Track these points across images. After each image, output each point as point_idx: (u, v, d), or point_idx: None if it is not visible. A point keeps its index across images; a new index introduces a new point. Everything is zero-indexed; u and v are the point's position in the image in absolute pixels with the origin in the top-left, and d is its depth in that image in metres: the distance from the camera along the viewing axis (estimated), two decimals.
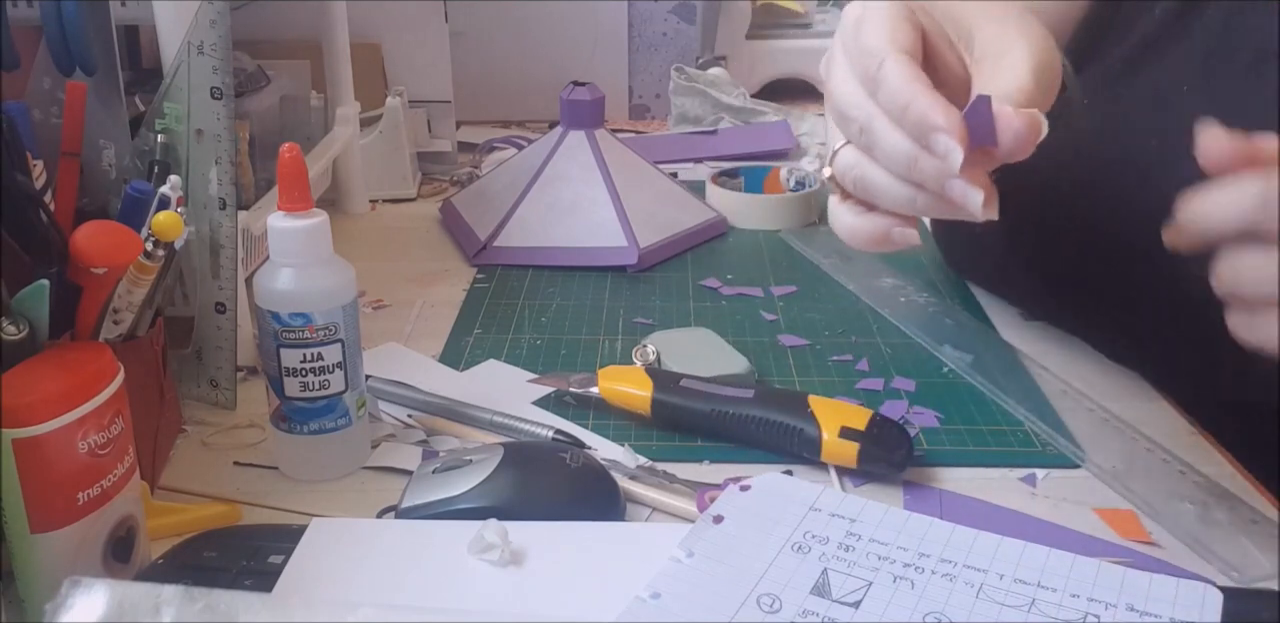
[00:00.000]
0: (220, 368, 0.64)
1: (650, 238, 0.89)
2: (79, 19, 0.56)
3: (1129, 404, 0.66)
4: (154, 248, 0.50)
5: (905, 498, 0.56)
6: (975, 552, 0.49)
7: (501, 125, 1.34)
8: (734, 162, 1.14)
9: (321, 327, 0.54)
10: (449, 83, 1.11)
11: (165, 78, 0.60)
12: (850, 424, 0.57)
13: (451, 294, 0.82)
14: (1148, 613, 0.45)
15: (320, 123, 0.97)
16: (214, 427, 0.63)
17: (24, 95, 0.61)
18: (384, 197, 1.05)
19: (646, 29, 1.36)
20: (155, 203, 0.52)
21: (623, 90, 1.38)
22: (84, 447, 0.42)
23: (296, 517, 0.53)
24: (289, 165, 0.52)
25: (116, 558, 0.46)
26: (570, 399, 0.65)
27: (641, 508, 0.55)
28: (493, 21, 1.31)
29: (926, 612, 0.45)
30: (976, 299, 0.82)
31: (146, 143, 0.61)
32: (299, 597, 0.45)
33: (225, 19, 0.59)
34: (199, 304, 0.63)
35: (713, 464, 0.59)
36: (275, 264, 0.54)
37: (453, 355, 0.72)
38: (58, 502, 0.43)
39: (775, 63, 1.46)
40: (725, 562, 0.48)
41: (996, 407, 0.66)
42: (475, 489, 0.52)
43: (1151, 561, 0.51)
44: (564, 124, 0.93)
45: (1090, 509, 0.56)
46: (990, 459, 0.60)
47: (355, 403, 0.57)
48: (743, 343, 0.72)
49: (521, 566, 0.48)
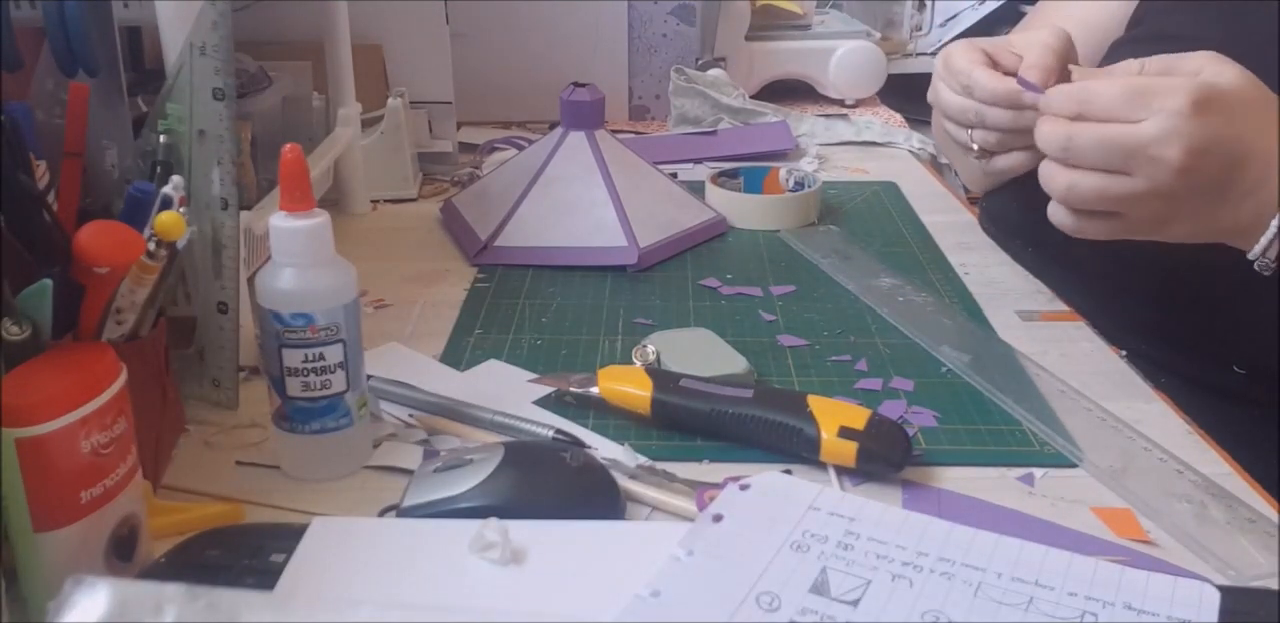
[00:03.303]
0: (222, 367, 0.64)
1: (650, 238, 0.89)
2: (81, 20, 0.56)
3: (1126, 404, 0.66)
4: (156, 248, 0.51)
5: (904, 497, 0.56)
6: (973, 550, 0.49)
7: (502, 126, 1.34)
8: (733, 162, 1.14)
9: (323, 326, 0.54)
10: (450, 84, 1.11)
11: (167, 79, 0.60)
12: (849, 424, 0.57)
13: (452, 294, 0.83)
14: (1145, 612, 0.45)
15: (322, 124, 0.97)
16: (216, 426, 0.63)
17: (27, 96, 0.62)
18: (385, 197, 1.05)
19: (646, 30, 1.36)
20: (158, 203, 0.52)
21: (622, 91, 1.37)
22: (86, 446, 0.43)
23: (298, 516, 0.54)
24: (291, 166, 0.52)
25: (119, 557, 0.46)
26: (570, 399, 0.65)
27: (641, 507, 0.55)
28: (493, 23, 1.31)
29: (925, 610, 0.45)
30: (975, 299, 0.82)
31: (149, 143, 0.61)
32: (301, 595, 0.45)
33: (227, 20, 0.59)
34: (201, 304, 0.63)
35: (712, 463, 0.60)
36: (277, 264, 0.54)
37: (454, 355, 0.72)
38: (60, 501, 0.43)
39: (775, 64, 1.46)
40: (725, 560, 0.48)
41: (994, 406, 0.66)
42: (476, 488, 0.52)
43: (1149, 559, 0.52)
44: (564, 125, 0.94)
45: (1088, 508, 0.56)
46: (988, 458, 0.60)
47: (357, 402, 0.57)
48: (742, 343, 0.72)
49: (522, 564, 0.48)
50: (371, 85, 1.07)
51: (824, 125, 1.33)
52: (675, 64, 1.32)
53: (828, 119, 1.37)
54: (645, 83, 1.39)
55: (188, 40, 0.59)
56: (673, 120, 1.30)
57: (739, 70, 1.42)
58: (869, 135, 1.31)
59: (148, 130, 0.61)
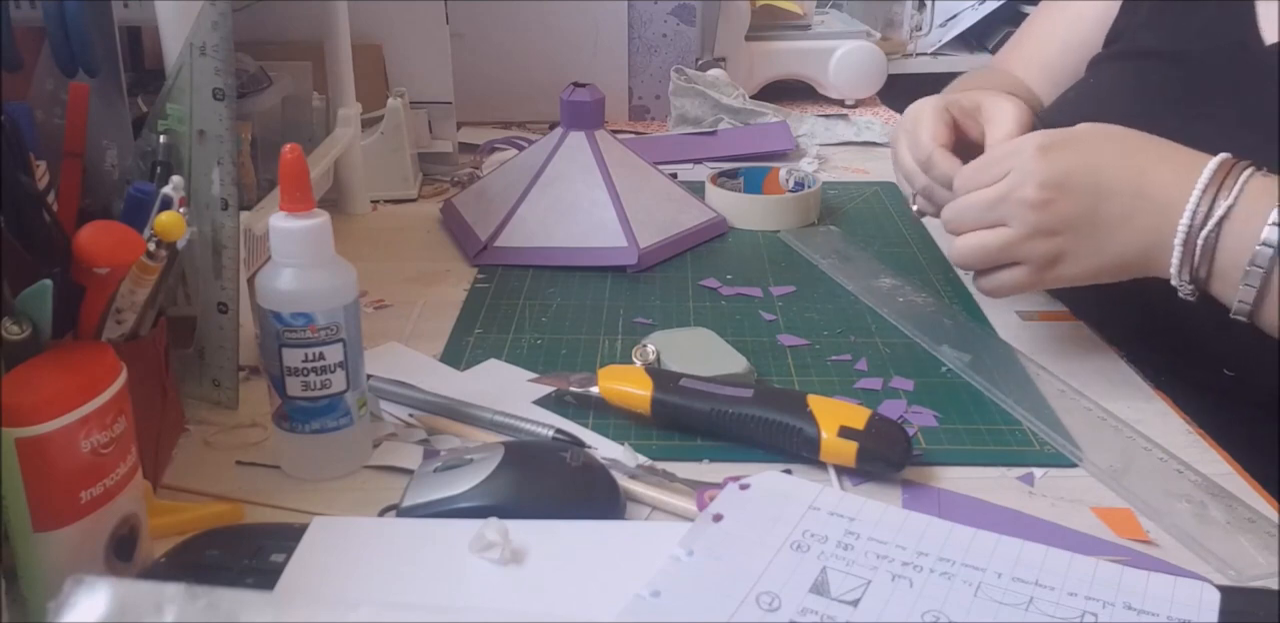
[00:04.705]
0: (222, 367, 0.64)
1: (650, 238, 0.89)
2: (81, 20, 0.56)
3: (1126, 404, 0.66)
4: (156, 248, 0.51)
5: (904, 497, 0.56)
6: (973, 550, 0.49)
7: (502, 126, 1.34)
8: (733, 162, 1.14)
9: (323, 326, 0.54)
10: (450, 84, 1.12)
11: (167, 79, 0.60)
12: (849, 424, 0.57)
13: (452, 294, 0.83)
14: (1145, 611, 0.45)
15: (322, 124, 0.98)
16: (216, 426, 0.63)
17: (27, 96, 0.62)
18: (385, 197, 1.05)
19: (646, 30, 1.36)
20: (158, 203, 0.52)
21: (622, 91, 1.38)
22: (86, 446, 0.43)
23: (298, 515, 0.54)
24: (291, 166, 0.52)
25: (119, 557, 0.46)
26: (570, 399, 0.65)
27: (641, 507, 0.55)
28: (493, 23, 1.31)
29: (925, 610, 0.45)
30: (975, 299, 0.82)
31: (149, 144, 0.61)
32: (301, 595, 0.45)
33: (227, 20, 0.59)
34: (201, 304, 0.63)
35: (712, 463, 0.60)
36: (277, 264, 0.54)
37: (454, 355, 0.72)
38: (60, 501, 0.43)
39: (775, 64, 1.46)
40: (725, 560, 0.48)
41: (994, 406, 0.66)
42: (476, 488, 0.52)
43: (1149, 559, 0.52)
44: (564, 125, 0.94)
45: (1088, 508, 0.56)
46: (988, 458, 0.60)
47: (357, 402, 0.57)
48: (742, 343, 0.73)
49: (522, 564, 0.48)
50: (371, 85, 1.07)
51: (824, 125, 1.33)
52: (675, 64, 1.32)
53: (828, 119, 1.37)
54: (645, 83, 1.39)
55: (188, 40, 0.59)
56: (673, 120, 1.30)
57: (739, 70, 1.42)
58: (869, 135, 1.31)
59: (148, 130, 0.61)
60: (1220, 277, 0.60)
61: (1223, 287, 0.60)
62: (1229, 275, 0.60)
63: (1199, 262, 0.60)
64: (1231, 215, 0.59)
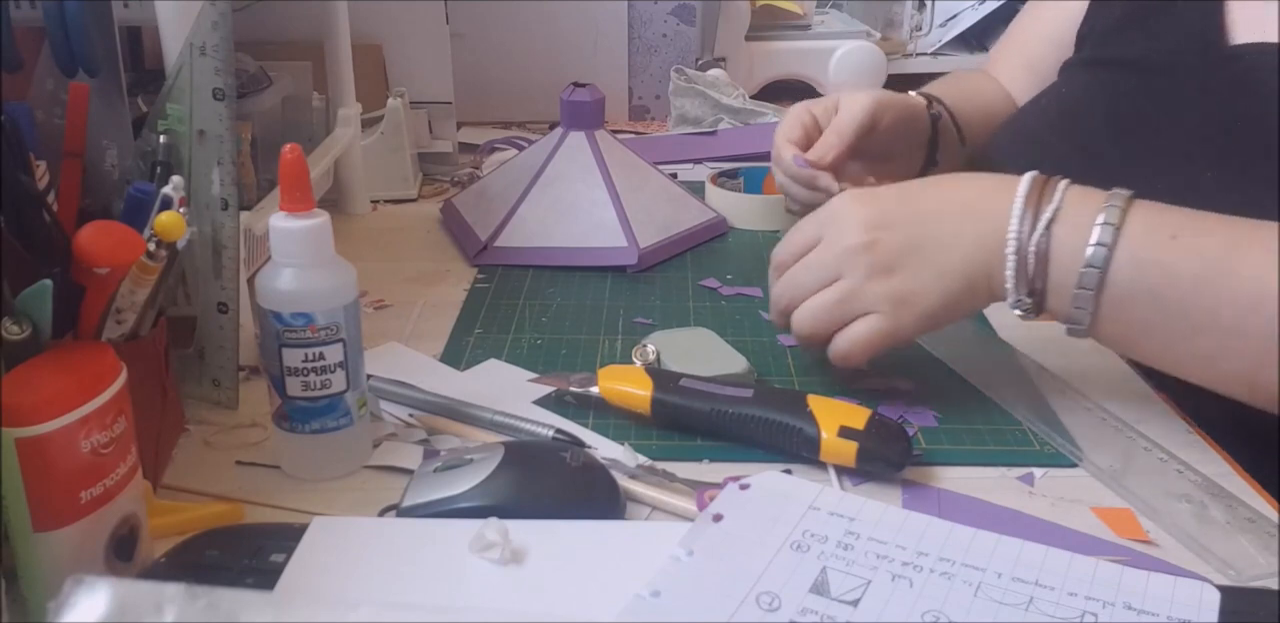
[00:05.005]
0: (222, 367, 0.64)
1: (650, 238, 0.89)
2: (81, 20, 0.56)
3: (1126, 404, 0.66)
4: (156, 248, 0.51)
5: (904, 497, 0.56)
6: (973, 550, 0.49)
7: (502, 126, 1.34)
8: (733, 162, 1.14)
9: (323, 326, 0.54)
10: (450, 84, 1.12)
11: (167, 79, 0.61)
12: (849, 424, 0.57)
13: (452, 294, 0.83)
14: (1145, 611, 0.45)
15: (322, 124, 0.98)
16: (216, 426, 0.63)
17: (27, 96, 0.62)
18: (385, 197, 1.05)
19: (646, 30, 1.36)
20: (158, 203, 0.52)
21: (622, 91, 1.38)
22: (86, 446, 0.43)
23: (298, 515, 0.54)
24: (291, 166, 0.52)
25: (119, 557, 0.46)
26: (570, 399, 0.65)
27: (641, 507, 0.55)
28: (493, 23, 1.31)
29: (925, 610, 0.45)
30: None
31: (149, 144, 0.61)
32: (301, 595, 0.45)
33: (227, 20, 0.59)
34: (201, 304, 0.63)
35: (712, 463, 0.60)
36: (277, 264, 0.54)
37: (453, 355, 0.72)
38: (60, 501, 0.43)
39: (774, 64, 1.46)
40: (725, 560, 0.48)
41: (994, 406, 0.66)
42: (476, 488, 0.52)
43: (1149, 559, 0.52)
44: (564, 125, 0.94)
45: (1088, 508, 0.56)
46: (988, 458, 0.60)
47: (357, 402, 0.57)
48: (742, 343, 0.73)
49: (522, 564, 0.48)
50: (371, 85, 1.07)
51: None
52: (675, 64, 1.32)
53: None
54: (645, 83, 1.39)
55: (188, 40, 0.59)
56: (673, 120, 1.30)
57: (739, 70, 1.42)
58: None
59: (148, 130, 0.61)
60: (1055, 290, 0.59)
61: (1058, 300, 0.59)
62: (1064, 283, 0.58)
63: (1034, 272, 0.59)
64: (1059, 218, 0.58)
